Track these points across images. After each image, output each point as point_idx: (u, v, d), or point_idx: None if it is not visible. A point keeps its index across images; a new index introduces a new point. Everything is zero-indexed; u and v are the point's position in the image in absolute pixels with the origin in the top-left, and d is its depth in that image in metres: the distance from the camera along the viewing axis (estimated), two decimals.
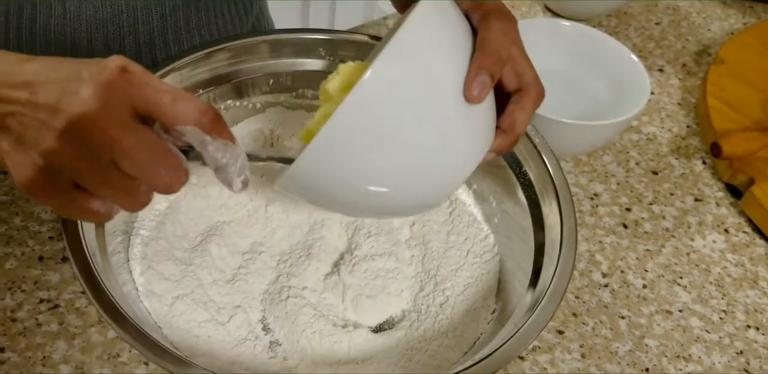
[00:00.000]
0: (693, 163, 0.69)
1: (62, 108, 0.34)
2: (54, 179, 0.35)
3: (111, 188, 0.35)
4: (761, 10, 0.91)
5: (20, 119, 0.35)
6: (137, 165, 0.34)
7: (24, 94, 0.34)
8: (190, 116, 0.36)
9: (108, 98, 0.34)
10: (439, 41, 0.38)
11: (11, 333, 0.48)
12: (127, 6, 0.59)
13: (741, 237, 0.63)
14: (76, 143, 0.34)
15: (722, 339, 0.56)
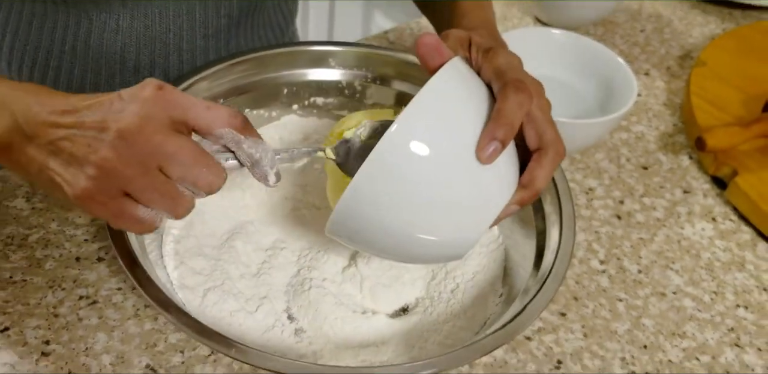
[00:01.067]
0: (680, 158, 0.74)
1: (109, 125, 0.38)
2: (105, 188, 0.39)
3: (157, 193, 0.39)
4: (739, 16, 0.96)
5: (71, 140, 0.39)
6: (181, 167, 0.39)
7: (71, 118, 0.39)
8: (224, 120, 0.41)
9: (148, 111, 0.39)
10: (458, 105, 0.42)
11: (55, 327, 0.52)
12: (174, 26, 0.64)
13: (728, 225, 0.68)
14: (125, 152, 0.38)
15: (714, 317, 0.60)
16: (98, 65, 0.66)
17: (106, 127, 0.38)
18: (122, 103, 0.39)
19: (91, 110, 0.39)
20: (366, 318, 0.54)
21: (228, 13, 0.67)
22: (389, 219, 0.41)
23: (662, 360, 0.56)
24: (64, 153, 0.39)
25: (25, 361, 0.50)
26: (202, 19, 0.66)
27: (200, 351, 0.52)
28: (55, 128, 0.40)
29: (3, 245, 0.56)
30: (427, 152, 0.40)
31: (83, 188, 0.39)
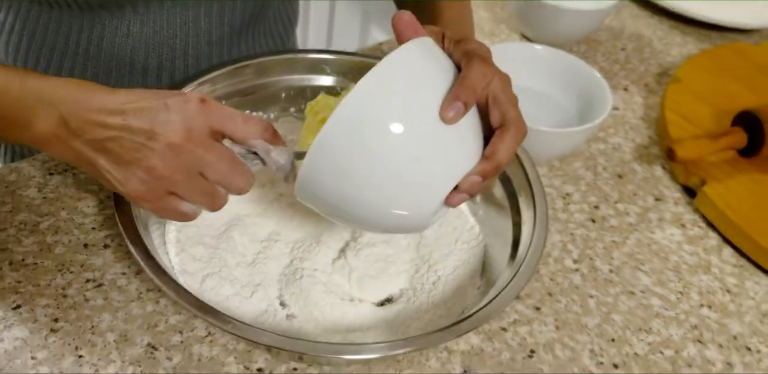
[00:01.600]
0: (653, 168, 0.78)
1: (157, 134, 0.44)
2: (154, 189, 0.46)
3: (198, 193, 0.46)
4: (716, 38, 1.02)
5: (119, 142, 0.45)
6: (219, 174, 0.46)
7: (118, 119, 0.44)
8: (257, 133, 0.47)
9: (192, 123, 0.45)
10: (420, 73, 0.45)
11: (63, 307, 0.56)
12: (180, 32, 0.69)
13: (696, 231, 0.72)
14: (172, 161, 0.44)
15: (678, 315, 0.64)
16: (109, 68, 0.71)
17: (154, 136, 0.44)
18: (168, 113, 0.44)
19: (139, 116, 0.44)
20: (353, 305, 0.58)
21: (231, 22, 0.72)
22: (348, 186, 0.44)
23: (629, 352, 0.60)
24: (113, 154, 0.45)
25: (35, 336, 0.54)
26: (206, 27, 0.70)
27: (198, 332, 0.56)
28: (102, 127, 0.45)
29: (16, 231, 0.60)
30: (387, 119, 0.42)
31: (135, 189, 0.45)
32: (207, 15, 0.70)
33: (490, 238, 0.63)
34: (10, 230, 0.60)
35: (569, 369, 0.58)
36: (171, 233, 0.59)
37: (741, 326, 0.64)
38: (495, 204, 0.63)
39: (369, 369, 0.55)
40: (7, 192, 0.63)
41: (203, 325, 0.56)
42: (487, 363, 0.57)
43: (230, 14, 0.71)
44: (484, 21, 0.97)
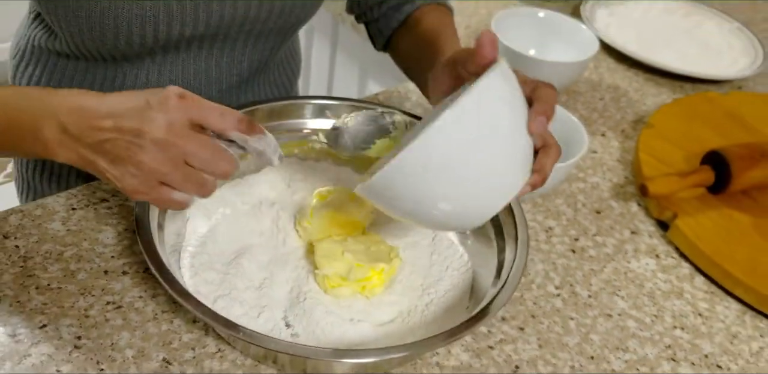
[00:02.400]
0: (629, 205, 0.85)
1: (144, 131, 0.50)
2: (146, 182, 0.51)
3: (188, 182, 0.52)
4: (689, 89, 1.10)
5: (113, 143, 0.51)
6: (202, 162, 0.51)
7: (109, 122, 0.51)
8: (233, 125, 0.53)
9: (173, 118, 0.51)
10: (502, 100, 0.51)
11: (86, 326, 0.61)
12: (194, 81, 0.76)
13: (669, 261, 0.78)
14: (158, 155, 0.50)
15: (653, 336, 0.69)
16: None
17: (141, 134, 0.50)
18: (151, 111, 0.50)
19: (127, 117, 0.50)
20: (353, 324, 0.63)
21: (239, 72, 0.79)
22: (427, 190, 0.50)
23: (606, 368, 0.65)
24: (110, 154, 0.51)
25: (60, 352, 0.59)
26: (217, 76, 0.78)
27: (209, 348, 0.61)
28: (97, 131, 0.51)
29: (42, 259, 0.66)
30: (473, 136, 0.49)
31: (129, 183, 0.51)
32: (218, 66, 0.77)
33: (477, 264, 0.69)
34: (37, 259, 0.66)
35: None
36: (185, 259, 0.65)
37: (712, 346, 0.69)
38: (482, 235, 0.69)
39: None
40: (33, 225, 0.69)
41: (214, 342, 0.61)
42: None
43: (238, 65, 0.79)
44: None
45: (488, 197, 0.52)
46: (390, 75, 1.20)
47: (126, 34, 0.67)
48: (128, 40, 0.68)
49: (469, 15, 1.20)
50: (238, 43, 0.75)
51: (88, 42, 0.69)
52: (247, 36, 0.75)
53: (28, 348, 0.59)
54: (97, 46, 0.69)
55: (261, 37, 0.76)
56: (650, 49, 1.14)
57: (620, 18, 1.22)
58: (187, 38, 0.71)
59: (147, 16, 0.66)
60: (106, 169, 0.52)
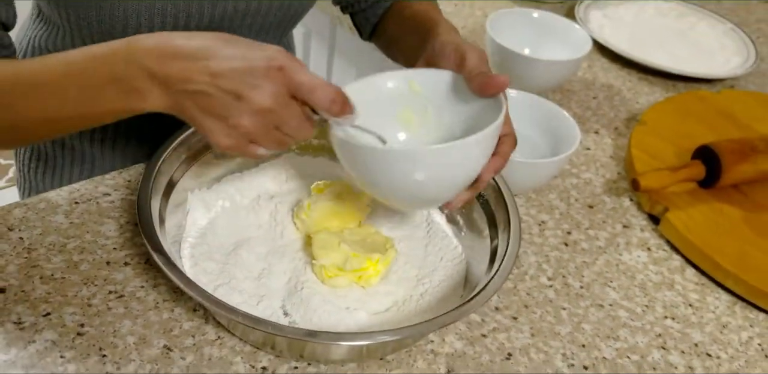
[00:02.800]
0: (622, 200, 0.86)
1: (245, 96, 0.52)
2: (239, 141, 0.54)
3: (273, 142, 0.55)
4: (681, 87, 1.11)
5: (210, 98, 0.52)
6: (291, 129, 0.55)
7: (206, 78, 0.52)
8: (324, 104, 0.54)
9: (273, 89, 0.52)
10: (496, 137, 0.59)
11: (89, 314, 0.62)
12: None
13: (660, 254, 0.79)
14: (258, 121, 0.53)
15: (644, 325, 0.71)
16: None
17: (242, 98, 0.52)
18: (254, 79, 0.51)
19: (228, 78, 0.51)
20: (348, 312, 0.64)
21: None
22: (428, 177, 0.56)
23: (598, 356, 0.67)
24: (205, 107, 0.52)
25: (64, 339, 0.60)
26: None
27: (208, 336, 0.62)
28: (191, 82, 0.52)
29: (46, 251, 0.67)
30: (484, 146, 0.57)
31: (222, 140, 0.54)
32: None
33: (471, 256, 0.70)
34: (41, 250, 0.67)
35: (543, 370, 0.64)
36: (186, 250, 0.66)
37: (702, 335, 0.70)
38: (476, 227, 0.71)
39: (362, 369, 0.62)
40: (37, 218, 0.71)
41: (214, 330, 0.63)
42: (469, 365, 0.63)
43: None
44: None
45: (445, 195, 0.61)
46: None
47: (134, 27, 0.69)
48: (136, 33, 0.69)
49: (465, 16, 1.22)
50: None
51: (96, 36, 0.71)
52: (249, 30, 0.76)
53: (33, 334, 0.60)
54: (105, 40, 0.71)
55: (261, 32, 0.78)
56: (643, 50, 1.16)
57: (614, 19, 1.24)
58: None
59: (156, 9, 0.68)
60: (198, 119, 0.54)
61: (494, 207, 0.69)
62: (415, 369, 0.62)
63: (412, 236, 0.73)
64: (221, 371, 0.60)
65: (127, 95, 0.54)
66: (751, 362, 0.69)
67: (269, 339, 0.59)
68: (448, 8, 1.23)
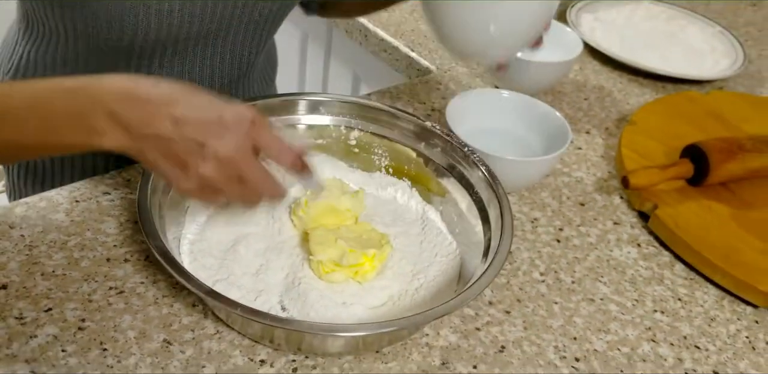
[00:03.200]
0: (612, 198, 0.88)
1: (209, 145, 0.53)
2: (202, 189, 0.55)
3: (236, 194, 0.56)
4: (671, 89, 1.13)
5: (172, 143, 0.53)
6: (255, 184, 0.56)
7: (169, 124, 0.53)
8: (287, 163, 0.58)
9: (241, 142, 0.54)
10: None
11: (89, 309, 0.64)
12: (199, 76, 0.79)
13: (650, 250, 0.81)
14: (221, 171, 0.54)
15: (634, 318, 0.72)
16: None
17: (205, 145, 0.53)
18: (221, 129, 0.53)
19: (194, 125, 0.53)
20: (345, 307, 0.65)
21: (239, 66, 0.83)
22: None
23: (589, 349, 0.68)
24: (166, 152, 0.53)
25: (65, 334, 0.61)
26: (220, 71, 0.81)
27: (207, 330, 0.63)
28: (155, 126, 0.53)
29: (47, 248, 0.69)
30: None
31: (183, 185, 0.55)
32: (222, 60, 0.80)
33: (465, 251, 0.72)
34: (42, 247, 0.69)
35: (535, 362, 0.66)
36: (185, 246, 0.67)
37: (691, 328, 0.72)
38: (469, 223, 0.72)
39: (359, 362, 0.63)
40: (38, 216, 0.72)
41: (213, 325, 0.64)
42: (463, 357, 0.65)
43: (239, 59, 0.82)
44: (461, 76, 1.08)
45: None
46: (382, 79, 1.23)
47: (131, 28, 0.70)
48: (146, 36, 0.70)
49: None
50: (239, 36, 0.78)
51: (102, 42, 0.71)
52: (246, 28, 0.78)
53: (34, 329, 0.61)
54: (113, 44, 0.71)
55: (258, 29, 0.79)
56: (634, 52, 1.18)
57: (605, 22, 1.26)
58: (195, 34, 0.74)
59: (165, 11, 0.69)
60: (158, 163, 0.55)
61: (487, 204, 0.71)
62: (411, 362, 0.64)
63: (407, 232, 0.74)
64: (220, 364, 0.61)
65: (87, 131, 0.54)
66: (739, 354, 0.70)
67: (267, 331, 0.60)
68: None
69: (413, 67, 1.12)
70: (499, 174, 0.78)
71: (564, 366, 0.66)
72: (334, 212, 0.71)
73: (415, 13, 1.22)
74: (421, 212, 0.77)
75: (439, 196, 0.77)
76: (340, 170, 0.80)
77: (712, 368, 0.68)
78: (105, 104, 0.53)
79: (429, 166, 0.77)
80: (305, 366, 0.62)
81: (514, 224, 0.80)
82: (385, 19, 1.19)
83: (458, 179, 0.74)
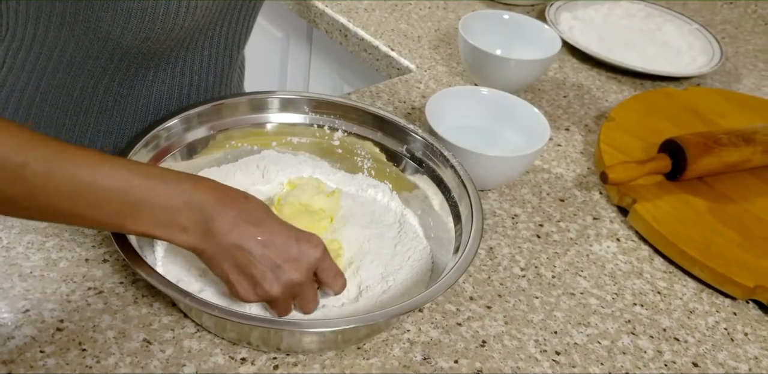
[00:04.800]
0: (592, 193, 0.88)
1: (282, 267, 0.58)
2: (258, 299, 0.60)
3: (285, 309, 0.62)
4: (649, 86, 1.14)
5: (248, 259, 0.57)
6: (304, 301, 0.62)
7: (254, 245, 0.57)
8: (338, 289, 0.64)
9: (309, 267, 0.59)
10: None
11: (68, 310, 0.63)
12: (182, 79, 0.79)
13: (629, 244, 0.82)
14: (285, 291, 0.59)
15: (614, 312, 0.72)
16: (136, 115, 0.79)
17: (279, 268, 0.58)
18: (298, 255, 0.59)
19: (275, 250, 0.57)
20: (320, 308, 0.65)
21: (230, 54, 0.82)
22: None
23: (569, 342, 0.68)
24: (242, 264, 0.57)
25: (43, 334, 0.61)
26: (198, 75, 0.80)
27: (188, 329, 0.63)
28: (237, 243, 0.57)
29: (24, 249, 0.68)
30: None
31: (248, 297, 0.59)
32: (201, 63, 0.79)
33: (438, 250, 0.72)
34: (19, 249, 0.68)
35: (516, 356, 0.66)
36: (159, 246, 0.67)
37: (670, 321, 0.73)
38: (443, 222, 0.72)
39: (340, 358, 0.63)
40: (14, 217, 0.71)
41: (193, 324, 0.64)
42: (445, 352, 0.65)
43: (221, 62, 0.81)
44: (441, 74, 1.09)
45: None
46: (364, 79, 1.24)
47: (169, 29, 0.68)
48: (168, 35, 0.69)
49: (438, 19, 1.24)
50: (232, 24, 0.77)
51: (96, 43, 0.69)
52: (239, 14, 0.76)
53: (12, 330, 0.61)
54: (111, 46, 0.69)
55: (248, 13, 0.77)
56: (612, 50, 1.19)
57: (584, 21, 1.27)
58: (202, 27, 0.72)
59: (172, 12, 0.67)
60: (231, 272, 0.58)
61: (459, 201, 0.71)
62: (392, 358, 0.64)
63: (382, 235, 0.74)
64: (200, 363, 0.61)
65: (167, 225, 0.56)
66: (717, 346, 0.71)
67: (244, 333, 0.60)
68: (422, 11, 1.25)
69: (393, 67, 1.13)
70: (480, 171, 0.78)
71: (545, 360, 0.66)
72: (307, 212, 0.71)
73: (395, 13, 1.23)
74: (400, 216, 0.76)
75: (407, 191, 0.77)
76: (322, 169, 0.80)
77: (691, 359, 0.69)
78: (200, 205, 0.56)
79: (401, 162, 0.77)
80: (286, 364, 0.62)
81: (495, 220, 0.81)
82: (365, 19, 1.19)
83: (430, 175, 0.75)
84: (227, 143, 0.76)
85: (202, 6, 0.69)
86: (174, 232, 0.56)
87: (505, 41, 1.10)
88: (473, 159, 0.78)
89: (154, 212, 0.56)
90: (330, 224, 0.73)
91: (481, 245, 0.77)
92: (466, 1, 1.31)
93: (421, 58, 1.11)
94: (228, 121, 0.75)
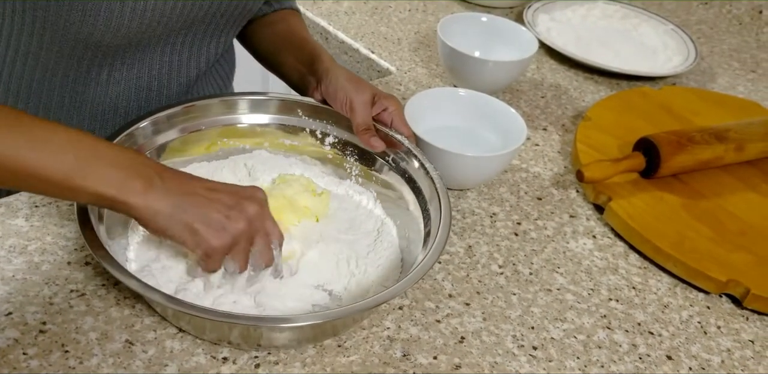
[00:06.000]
0: (569, 192, 0.90)
1: (244, 205, 0.62)
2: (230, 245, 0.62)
3: (242, 255, 0.63)
4: (626, 85, 1.16)
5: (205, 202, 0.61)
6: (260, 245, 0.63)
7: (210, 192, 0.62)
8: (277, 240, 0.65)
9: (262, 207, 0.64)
10: None
11: (50, 312, 0.64)
12: (159, 74, 0.80)
13: (605, 241, 0.83)
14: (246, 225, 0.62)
15: (590, 307, 0.74)
16: (94, 114, 0.80)
17: (240, 205, 0.62)
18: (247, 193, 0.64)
19: (226, 194, 0.62)
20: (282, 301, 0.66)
21: (197, 66, 0.82)
22: None
23: (546, 337, 0.70)
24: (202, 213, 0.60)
25: (26, 337, 0.61)
26: (177, 71, 0.80)
27: (170, 330, 0.64)
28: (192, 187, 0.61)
29: (6, 252, 0.69)
30: None
31: (220, 242, 0.60)
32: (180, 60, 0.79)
33: (406, 247, 0.73)
34: (1, 252, 0.69)
35: (494, 352, 0.67)
36: (131, 253, 0.68)
37: (645, 315, 0.74)
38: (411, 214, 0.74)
39: (321, 355, 0.64)
40: None
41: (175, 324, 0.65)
42: (424, 348, 0.66)
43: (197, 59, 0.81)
44: (421, 76, 1.10)
45: None
46: None
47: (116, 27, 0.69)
48: (116, 33, 0.70)
49: (418, 22, 1.25)
50: (198, 36, 0.78)
51: (68, 37, 0.70)
52: (206, 29, 0.78)
53: None
54: (81, 40, 0.70)
55: (217, 30, 0.79)
56: (589, 50, 1.20)
57: (561, 22, 1.29)
58: (159, 33, 0.74)
59: (139, 10, 0.68)
60: (192, 222, 0.59)
61: (429, 200, 0.72)
62: (372, 355, 0.65)
63: (358, 241, 0.74)
64: (182, 362, 0.62)
65: (121, 185, 0.58)
66: (691, 339, 0.72)
67: (225, 333, 0.61)
68: (402, 14, 1.27)
69: (374, 69, 1.14)
70: (458, 170, 0.80)
71: (522, 355, 0.67)
72: (292, 208, 0.72)
73: (375, 16, 1.24)
74: (380, 225, 0.77)
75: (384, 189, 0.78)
76: (312, 171, 0.81)
77: (665, 353, 0.71)
78: (145, 167, 0.59)
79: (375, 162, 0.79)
80: (268, 363, 0.63)
81: (474, 219, 0.82)
82: (346, 22, 1.21)
83: (403, 175, 0.76)
84: (221, 140, 0.78)
85: (152, 10, 0.70)
86: (127, 192, 0.58)
87: (483, 43, 1.11)
88: (452, 159, 0.79)
89: (106, 171, 0.58)
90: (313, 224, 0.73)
91: (460, 243, 0.79)
92: (445, 4, 1.32)
93: (401, 61, 1.13)
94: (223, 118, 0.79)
